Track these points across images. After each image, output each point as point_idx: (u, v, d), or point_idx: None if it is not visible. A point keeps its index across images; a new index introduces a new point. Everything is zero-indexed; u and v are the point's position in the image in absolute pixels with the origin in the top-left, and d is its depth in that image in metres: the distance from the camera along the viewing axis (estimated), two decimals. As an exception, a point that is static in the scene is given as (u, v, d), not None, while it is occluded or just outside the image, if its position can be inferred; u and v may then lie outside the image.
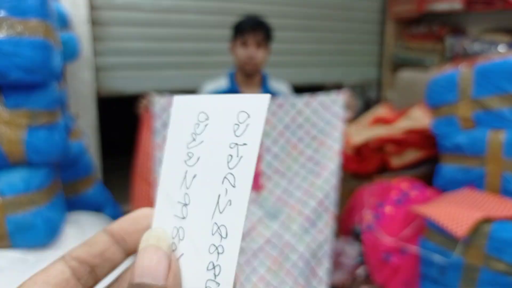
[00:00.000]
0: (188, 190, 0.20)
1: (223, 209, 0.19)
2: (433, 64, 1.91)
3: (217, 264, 0.18)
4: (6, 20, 0.75)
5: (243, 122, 0.19)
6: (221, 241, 0.18)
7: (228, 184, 0.19)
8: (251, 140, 0.19)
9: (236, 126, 0.19)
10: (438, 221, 0.95)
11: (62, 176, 0.98)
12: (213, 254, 0.18)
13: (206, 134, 0.20)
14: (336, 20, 2.03)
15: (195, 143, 0.20)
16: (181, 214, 0.20)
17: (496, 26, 1.77)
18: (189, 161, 0.20)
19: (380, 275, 1.09)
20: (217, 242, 0.18)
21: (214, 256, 0.18)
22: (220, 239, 0.18)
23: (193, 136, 0.21)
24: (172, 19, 1.63)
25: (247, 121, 0.19)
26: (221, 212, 0.19)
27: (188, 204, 0.20)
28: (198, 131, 0.20)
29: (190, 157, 0.20)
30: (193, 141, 0.20)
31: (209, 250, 0.19)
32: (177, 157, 0.21)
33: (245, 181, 0.18)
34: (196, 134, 0.20)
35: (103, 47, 1.52)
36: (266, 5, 1.80)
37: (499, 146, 1.05)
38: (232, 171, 0.19)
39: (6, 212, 0.78)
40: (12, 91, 0.79)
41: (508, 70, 1.05)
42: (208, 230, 0.19)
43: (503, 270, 0.88)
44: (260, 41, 1.17)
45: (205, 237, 0.19)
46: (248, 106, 0.19)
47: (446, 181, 1.20)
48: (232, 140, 0.19)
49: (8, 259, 0.77)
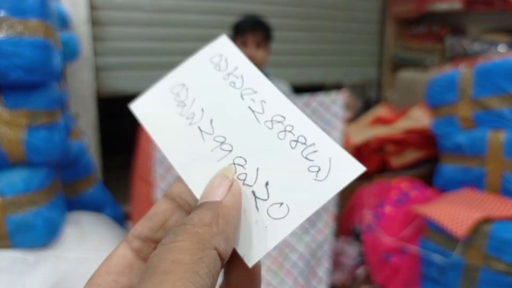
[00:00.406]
0: (215, 132, 0.21)
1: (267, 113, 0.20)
2: (433, 64, 1.91)
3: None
4: (6, 20, 0.75)
5: (220, 61, 0.22)
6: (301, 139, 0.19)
7: (248, 99, 0.21)
8: (239, 64, 0.22)
9: (218, 67, 0.22)
10: (438, 221, 0.95)
11: (62, 176, 0.98)
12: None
13: (194, 92, 0.22)
14: (336, 20, 2.02)
15: (188, 106, 0.22)
16: (226, 151, 0.20)
17: (496, 26, 1.77)
18: (194, 119, 0.21)
19: (380, 275, 1.09)
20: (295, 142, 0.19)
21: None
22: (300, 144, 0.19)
23: (181, 104, 0.22)
24: (172, 19, 1.63)
25: (224, 57, 0.22)
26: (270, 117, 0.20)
27: (225, 140, 0.20)
28: (183, 97, 0.22)
29: (193, 117, 0.21)
30: (184, 106, 0.22)
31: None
32: (177, 131, 0.21)
33: (258, 82, 0.21)
34: (182, 101, 0.22)
35: (103, 47, 1.52)
36: (266, 5, 1.80)
37: (499, 146, 1.05)
38: (244, 90, 0.21)
39: (6, 212, 0.78)
40: (12, 91, 0.79)
41: (508, 70, 1.05)
42: (270, 139, 0.20)
43: (503, 270, 0.88)
44: (259, 41, 1.17)
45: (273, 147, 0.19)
46: (214, 51, 0.23)
47: (446, 181, 1.20)
48: (224, 76, 0.22)
49: (8, 259, 0.77)
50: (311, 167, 0.19)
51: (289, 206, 0.18)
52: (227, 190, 0.17)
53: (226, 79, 0.22)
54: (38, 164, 0.83)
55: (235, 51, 0.22)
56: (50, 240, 0.85)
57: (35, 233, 0.81)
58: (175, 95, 0.22)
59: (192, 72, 0.23)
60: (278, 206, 0.18)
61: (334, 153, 0.19)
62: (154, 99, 0.22)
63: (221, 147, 0.20)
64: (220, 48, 0.23)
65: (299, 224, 0.18)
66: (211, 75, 0.22)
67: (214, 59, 0.22)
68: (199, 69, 0.23)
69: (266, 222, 0.18)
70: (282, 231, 0.18)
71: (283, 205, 0.18)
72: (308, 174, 0.19)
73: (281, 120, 0.20)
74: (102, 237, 0.95)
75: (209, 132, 0.21)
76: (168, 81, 0.23)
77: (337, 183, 0.18)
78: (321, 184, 0.18)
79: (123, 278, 0.18)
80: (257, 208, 0.18)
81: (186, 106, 0.22)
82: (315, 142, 0.19)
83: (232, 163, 0.20)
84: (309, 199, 0.18)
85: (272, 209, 0.18)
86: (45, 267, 0.78)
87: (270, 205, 0.18)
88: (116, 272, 0.18)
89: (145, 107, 0.22)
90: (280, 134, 0.20)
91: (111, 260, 0.18)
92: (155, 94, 0.23)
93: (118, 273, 0.18)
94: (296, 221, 0.18)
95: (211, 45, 0.23)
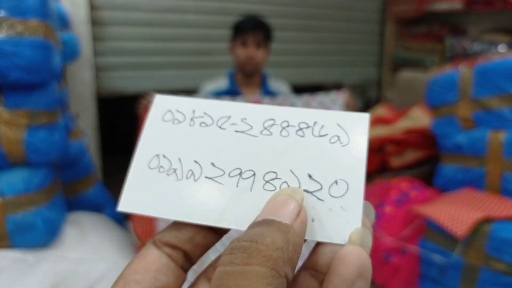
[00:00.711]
0: (226, 169, 0.20)
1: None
2: (433, 64, 1.91)
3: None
4: (6, 20, 0.75)
5: (173, 115, 0.22)
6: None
7: (229, 125, 0.21)
8: (193, 106, 0.22)
9: (176, 121, 0.22)
10: (438, 221, 0.95)
11: (62, 176, 0.98)
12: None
13: (173, 153, 0.21)
14: (336, 20, 2.02)
15: (179, 168, 0.20)
16: (250, 177, 0.19)
17: (496, 26, 1.77)
18: (195, 174, 0.20)
19: (380, 275, 1.09)
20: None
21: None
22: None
23: (171, 172, 0.20)
24: (172, 19, 1.63)
25: (173, 110, 0.22)
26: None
27: (242, 169, 0.20)
28: (167, 165, 0.21)
29: (192, 173, 0.20)
30: (176, 170, 0.20)
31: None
32: (188, 195, 0.20)
33: (223, 108, 0.21)
34: (169, 168, 0.21)
35: (103, 47, 1.52)
36: (266, 5, 1.80)
37: (499, 146, 1.05)
38: (219, 121, 0.21)
39: (6, 212, 0.78)
40: (12, 91, 0.79)
41: (508, 70, 1.05)
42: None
43: (503, 270, 0.88)
44: (260, 41, 1.17)
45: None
46: (160, 111, 0.22)
47: (446, 181, 1.20)
48: (189, 124, 0.22)
49: (8, 259, 0.77)
50: (331, 139, 0.20)
51: (343, 178, 0.19)
52: (296, 214, 0.16)
53: (193, 124, 0.21)
54: (38, 164, 0.83)
55: (178, 100, 0.22)
56: (50, 240, 0.85)
57: (35, 233, 0.81)
58: (158, 168, 0.20)
59: (154, 141, 0.21)
60: (335, 185, 0.19)
61: (337, 118, 0.20)
62: (140, 186, 0.20)
63: (242, 177, 0.19)
64: (163, 106, 0.22)
65: (364, 184, 0.18)
66: (176, 130, 0.21)
67: (166, 117, 0.22)
68: (159, 134, 0.21)
69: (338, 203, 0.18)
70: (357, 199, 0.18)
71: (338, 181, 0.19)
72: (333, 146, 0.19)
73: (273, 123, 0.20)
74: (102, 237, 0.95)
75: (219, 174, 0.20)
76: (139, 163, 0.21)
77: (361, 137, 0.19)
78: (350, 146, 0.19)
79: (162, 276, 0.17)
80: (321, 200, 0.18)
81: (178, 169, 0.20)
82: (316, 120, 0.20)
83: (265, 182, 0.19)
84: (352, 162, 0.19)
85: (333, 190, 0.18)
86: (45, 267, 0.78)
87: (328, 189, 0.19)
88: (155, 270, 0.17)
89: (136, 199, 0.20)
90: (282, 133, 0.20)
91: (146, 258, 0.18)
92: (136, 182, 0.20)
93: (157, 271, 0.17)
94: (360, 184, 0.18)
95: (153, 109, 0.22)
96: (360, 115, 0.20)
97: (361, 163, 0.19)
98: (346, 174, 0.19)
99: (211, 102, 0.22)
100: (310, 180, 0.19)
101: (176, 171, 0.20)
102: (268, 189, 0.19)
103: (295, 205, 0.17)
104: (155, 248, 0.18)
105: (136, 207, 0.20)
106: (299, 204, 0.17)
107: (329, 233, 0.18)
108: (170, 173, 0.20)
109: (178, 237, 0.18)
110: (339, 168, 0.19)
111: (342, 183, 0.19)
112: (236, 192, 0.19)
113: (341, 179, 0.19)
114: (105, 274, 0.82)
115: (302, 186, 0.19)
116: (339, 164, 0.19)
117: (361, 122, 0.20)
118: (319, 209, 0.18)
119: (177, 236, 0.18)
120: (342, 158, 0.19)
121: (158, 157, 0.21)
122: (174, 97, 0.22)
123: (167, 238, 0.18)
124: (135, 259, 0.18)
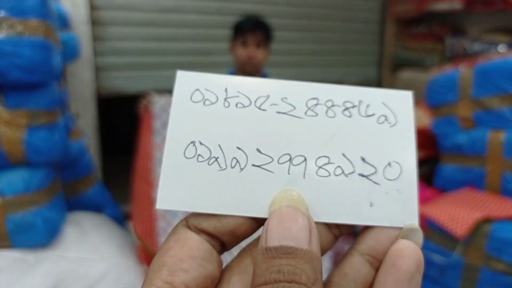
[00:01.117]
0: (274, 156, 0.18)
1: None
2: (433, 64, 1.91)
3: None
4: (6, 20, 0.75)
5: (204, 94, 0.19)
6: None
7: (268, 106, 0.19)
8: (226, 85, 0.19)
9: (208, 102, 0.19)
10: (438, 221, 0.95)
11: (62, 176, 0.98)
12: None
13: (210, 139, 0.19)
14: (336, 20, 2.02)
15: (221, 156, 0.18)
16: (301, 163, 0.18)
17: (496, 26, 1.77)
18: (241, 163, 0.18)
19: (380, 275, 1.09)
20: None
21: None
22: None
23: (212, 161, 0.18)
24: (172, 19, 1.63)
25: (202, 89, 0.19)
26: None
27: (291, 155, 0.18)
28: (206, 153, 0.19)
29: (236, 162, 0.18)
30: (217, 159, 0.18)
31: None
32: (236, 186, 0.18)
33: (260, 87, 0.19)
34: (209, 157, 0.18)
35: (103, 47, 1.52)
36: (266, 5, 1.80)
37: (499, 146, 1.05)
38: (257, 102, 0.19)
39: (6, 212, 0.78)
40: (12, 91, 0.79)
41: (508, 70, 1.05)
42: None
43: (503, 270, 0.88)
44: (260, 41, 1.17)
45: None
46: (187, 90, 0.20)
47: (446, 181, 1.20)
48: (223, 104, 0.19)
49: (8, 259, 0.77)
50: (378, 119, 0.19)
51: (395, 160, 0.18)
52: (309, 232, 0.15)
53: (228, 106, 0.19)
54: (38, 164, 0.83)
55: (205, 77, 0.19)
56: (50, 240, 0.85)
57: (35, 233, 0.81)
58: (196, 157, 0.18)
59: (186, 126, 0.18)
60: (389, 167, 0.18)
61: (381, 96, 0.19)
62: (178, 179, 0.18)
63: (292, 163, 0.18)
64: (188, 84, 0.19)
65: (416, 164, 0.18)
66: (209, 113, 0.19)
67: (195, 97, 0.19)
68: (190, 117, 0.19)
69: (394, 186, 0.18)
70: (411, 181, 0.18)
71: (391, 163, 0.18)
72: (382, 126, 0.19)
73: (317, 102, 0.19)
74: (102, 237, 0.95)
75: (268, 161, 0.18)
76: (172, 152, 0.18)
77: (407, 117, 0.19)
78: (398, 126, 0.19)
79: (208, 264, 0.16)
80: (377, 184, 0.18)
81: (219, 157, 0.18)
82: (360, 99, 0.19)
83: (318, 167, 0.18)
84: (402, 143, 0.19)
85: (387, 173, 0.18)
86: (45, 267, 0.78)
87: (382, 171, 0.18)
88: (201, 257, 0.16)
89: (175, 194, 0.18)
90: (328, 113, 0.19)
91: (189, 244, 0.16)
92: (172, 175, 0.18)
93: (203, 258, 0.16)
94: (412, 165, 0.18)
95: (177, 88, 0.19)
96: (403, 93, 0.19)
97: (411, 143, 0.19)
98: (398, 156, 0.18)
99: (244, 79, 0.19)
100: (364, 163, 0.18)
101: (218, 159, 0.18)
102: (322, 175, 0.18)
103: (305, 222, 0.15)
104: (193, 233, 0.17)
105: (176, 203, 0.18)
106: (307, 217, 0.16)
107: (389, 217, 0.17)
108: (211, 162, 0.18)
109: (217, 228, 0.17)
110: (391, 150, 0.18)
111: (395, 165, 0.18)
112: (288, 180, 0.18)
113: (394, 161, 0.18)
114: (105, 274, 0.82)
115: (356, 170, 0.18)
116: (390, 146, 0.18)
117: (406, 100, 0.19)
118: (376, 193, 0.18)
119: (216, 227, 0.17)
120: (392, 139, 0.19)
121: (194, 145, 0.18)
122: (200, 73, 0.19)
123: (204, 226, 0.17)
124: (174, 244, 0.16)
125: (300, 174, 0.18)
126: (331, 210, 0.18)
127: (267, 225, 0.15)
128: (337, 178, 0.18)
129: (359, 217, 0.18)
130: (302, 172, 0.18)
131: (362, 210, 0.18)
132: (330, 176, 0.18)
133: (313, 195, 0.17)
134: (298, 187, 0.18)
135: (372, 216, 0.18)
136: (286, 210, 0.16)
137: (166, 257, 0.16)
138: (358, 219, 0.18)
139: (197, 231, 0.17)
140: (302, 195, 0.17)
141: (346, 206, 0.18)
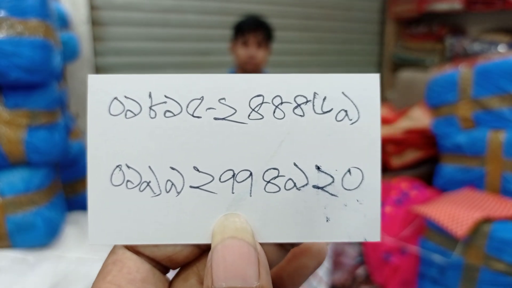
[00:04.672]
0: (215, 174, 0.16)
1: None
2: (433, 64, 1.91)
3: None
4: (6, 20, 0.75)
5: (124, 102, 0.16)
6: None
7: (203, 112, 0.16)
8: (146, 87, 0.16)
9: (128, 112, 0.16)
10: (438, 221, 0.95)
11: (62, 176, 0.98)
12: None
13: (137, 160, 0.16)
14: (336, 20, 2.02)
15: (153, 180, 0.16)
16: (247, 178, 0.16)
17: (496, 26, 1.77)
18: (177, 185, 0.16)
19: (380, 275, 1.09)
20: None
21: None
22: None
23: (143, 187, 0.16)
24: (172, 19, 1.63)
25: (121, 96, 0.16)
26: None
27: (234, 171, 0.16)
28: (135, 179, 0.16)
29: (171, 185, 0.16)
30: (149, 183, 0.16)
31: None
32: (170, 221, 0.16)
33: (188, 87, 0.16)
34: (140, 182, 0.16)
35: (103, 47, 1.52)
36: (266, 5, 1.80)
37: (499, 146, 1.06)
38: (189, 107, 0.16)
39: (6, 212, 0.78)
40: (12, 91, 0.79)
41: (508, 70, 1.05)
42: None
43: (503, 270, 0.88)
44: (260, 41, 1.17)
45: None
46: (100, 97, 0.16)
47: (446, 181, 1.20)
48: (146, 113, 0.16)
49: (8, 259, 0.77)
50: (337, 115, 0.16)
51: (356, 165, 0.16)
52: (257, 265, 0.14)
53: (154, 116, 0.16)
54: (38, 164, 0.83)
55: (121, 80, 0.16)
56: (50, 240, 0.85)
57: (35, 233, 0.81)
58: (124, 184, 0.16)
59: (106, 145, 0.16)
60: (349, 175, 0.16)
61: (340, 84, 0.16)
62: (107, 211, 0.16)
63: (236, 180, 0.16)
64: (104, 92, 0.16)
65: (380, 168, 0.16)
66: (133, 127, 0.16)
67: (113, 108, 0.16)
68: (111, 136, 0.16)
69: (354, 197, 0.16)
70: (374, 189, 0.16)
71: (351, 170, 0.16)
72: (341, 124, 0.16)
73: (262, 101, 0.16)
74: (102, 237, 0.94)
75: (207, 180, 0.16)
76: (97, 180, 0.16)
77: (372, 109, 0.16)
78: (361, 123, 0.16)
79: (150, 286, 0.15)
80: (334, 195, 0.16)
81: (151, 181, 0.16)
82: (316, 91, 0.16)
83: (266, 182, 0.16)
84: (364, 143, 0.16)
85: (346, 182, 0.16)
86: (45, 267, 0.78)
87: (341, 180, 0.16)
88: (142, 280, 0.15)
89: (107, 227, 0.16)
90: (276, 114, 0.16)
91: (127, 266, 0.15)
92: (100, 207, 0.16)
93: (144, 280, 0.15)
94: (376, 170, 0.16)
95: (91, 99, 0.16)
96: (368, 77, 0.16)
97: (375, 143, 0.16)
98: (359, 160, 0.16)
99: (170, 78, 0.16)
100: (319, 172, 0.16)
101: (150, 184, 0.16)
102: (271, 190, 0.16)
103: (251, 255, 0.14)
104: (132, 253, 0.16)
105: (110, 237, 0.16)
106: (253, 247, 0.14)
107: (347, 232, 0.16)
108: (142, 188, 0.16)
109: (155, 253, 0.16)
110: (351, 154, 0.16)
111: (356, 171, 0.16)
112: (233, 199, 0.16)
113: (355, 167, 0.16)
114: (105, 274, 0.82)
115: (310, 181, 0.16)
116: (350, 148, 0.16)
117: (371, 87, 0.16)
118: (333, 206, 0.16)
119: (153, 252, 0.16)
120: (352, 140, 0.16)
121: (120, 169, 0.16)
122: (116, 76, 0.16)
123: (141, 250, 0.16)
124: (113, 267, 0.15)
125: (246, 192, 0.16)
126: (282, 229, 0.16)
127: (211, 262, 0.14)
128: (288, 192, 0.16)
129: (314, 234, 0.16)
130: (248, 189, 0.16)
131: (317, 226, 0.16)
132: (280, 191, 0.16)
133: (261, 214, 0.16)
134: (244, 207, 0.16)
135: (328, 232, 0.16)
136: (229, 243, 0.14)
137: (104, 283, 0.15)
138: (312, 237, 0.16)
139: (135, 252, 0.16)
140: (246, 219, 0.15)
141: (298, 223, 0.16)
